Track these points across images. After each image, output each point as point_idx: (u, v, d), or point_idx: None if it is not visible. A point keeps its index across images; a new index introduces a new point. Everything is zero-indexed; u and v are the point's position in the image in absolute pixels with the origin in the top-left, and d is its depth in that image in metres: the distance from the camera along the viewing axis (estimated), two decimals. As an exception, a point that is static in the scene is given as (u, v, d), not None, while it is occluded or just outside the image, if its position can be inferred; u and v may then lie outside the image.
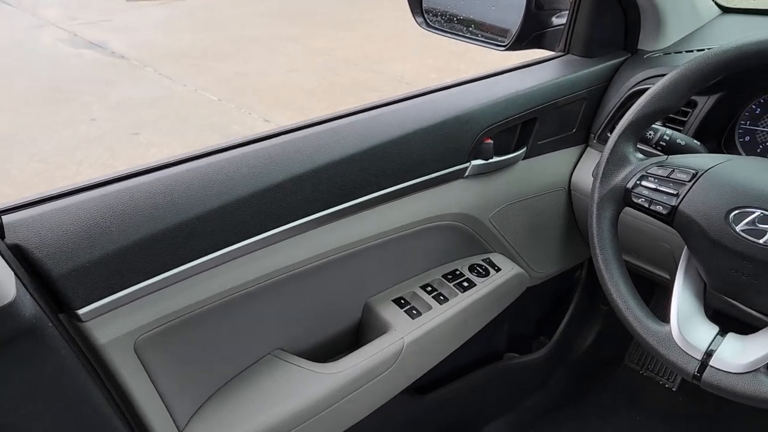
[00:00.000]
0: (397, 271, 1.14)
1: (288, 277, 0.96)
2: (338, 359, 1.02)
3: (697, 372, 0.79)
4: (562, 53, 1.32)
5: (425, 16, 1.42)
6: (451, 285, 1.16)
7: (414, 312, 1.10)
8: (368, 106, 1.09)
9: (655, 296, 1.55)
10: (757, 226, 0.75)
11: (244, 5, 8.13)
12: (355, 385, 1.00)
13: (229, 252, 0.87)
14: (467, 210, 1.16)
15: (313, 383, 0.97)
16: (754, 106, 1.12)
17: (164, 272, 0.81)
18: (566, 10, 1.29)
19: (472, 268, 1.21)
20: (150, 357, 0.84)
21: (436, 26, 1.43)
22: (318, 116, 1.04)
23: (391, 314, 1.09)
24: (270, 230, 0.91)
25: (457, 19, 1.40)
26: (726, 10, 1.36)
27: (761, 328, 0.81)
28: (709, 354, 0.79)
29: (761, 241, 0.74)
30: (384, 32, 6.84)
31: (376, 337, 1.05)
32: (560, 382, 1.69)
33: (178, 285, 0.84)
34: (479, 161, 1.15)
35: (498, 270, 1.22)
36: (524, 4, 1.25)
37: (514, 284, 1.25)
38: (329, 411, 0.97)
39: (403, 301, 1.12)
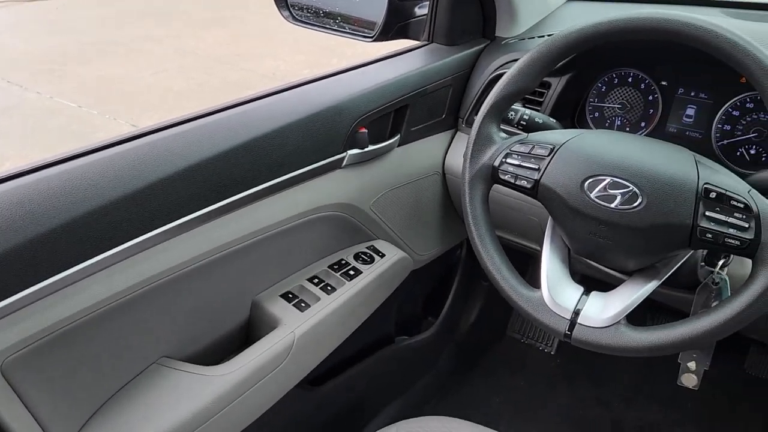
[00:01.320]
0: (282, 265, 1.14)
1: (168, 281, 0.92)
2: (228, 360, 1.00)
3: (568, 330, 0.86)
4: (427, 42, 1.36)
5: (291, 9, 1.41)
6: (337, 275, 1.17)
7: (302, 305, 1.10)
8: (240, 100, 1.08)
9: (530, 267, 1.66)
10: (608, 191, 0.82)
11: (105, 5, 7.67)
12: (248, 385, 0.98)
13: (100, 260, 0.83)
14: (347, 199, 1.18)
15: (203, 387, 0.94)
16: (599, 85, 1.23)
17: (28, 288, 0.76)
18: (426, 1, 1.34)
19: (357, 257, 1.23)
20: (21, 380, 0.78)
21: (302, 20, 1.43)
22: (188, 113, 1.02)
23: (280, 309, 1.08)
24: (143, 234, 0.87)
25: (323, 13, 1.41)
26: (570, -1, 1.48)
27: (619, 285, 0.89)
28: (576, 313, 0.86)
29: (612, 206, 0.82)
30: (253, 29, 6.72)
31: (265, 334, 1.04)
32: (450, 358, 1.76)
33: (46, 299, 0.78)
34: (355, 151, 1.17)
35: (382, 256, 1.25)
36: (387, -5, 1.28)
37: (399, 268, 1.29)
38: (222, 414, 0.95)
39: (291, 295, 1.12)
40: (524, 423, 1.69)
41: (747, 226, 0.75)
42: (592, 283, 0.99)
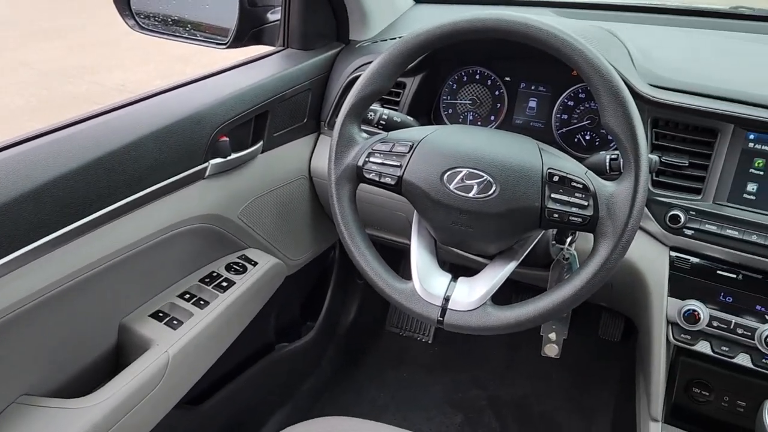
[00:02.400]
0: (150, 284, 1.09)
1: (23, 312, 0.85)
2: (98, 389, 0.94)
3: (440, 317, 0.90)
4: (282, 48, 1.37)
5: (136, 18, 1.35)
6: (209, 288, 1.15)
7: (175, 322, 1.06)
8: (91, 114, 1.02)
9: (402, 261, 1.71)
10: (465, 182, 0.87)
11: None
12: (121, 412, 0.93)
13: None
14: (214, 210, 1.15)
15: (70, 422, 0.88)
16: (450, 83, 1.30)
17: None
18: (279, 6, 1.34)
19: (228, 267, 1.21)
20: None
21: (150, 28, 1.38)
22: (33, 130, 0.94)
23: (150, 329, 1.04)
24: (-11, 264, 0.80)
25: (171, 20, 1.36)
26: (418, 1, 1.54)
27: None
28: (446, 299, 0.90)
29: (470, 195, 0.87)
30: (98, 39, 6.31)
31: (137, 357, 1.00)
32: (332, 359, 1.77)
33: None
34: (218, 160, 1.15)
35: (255, 264, 1.24)
36: (237, 1, 1.27)
37: (273, 275, 1.28)
38: (96, 446, 0.90)
39: (161, 314, 1.08)
40: (409, 412, 1.74)
41: (587, 204, 0.83)
42: (460, 270, 1.05)
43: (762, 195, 1.00)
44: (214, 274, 1.18)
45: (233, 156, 1.17)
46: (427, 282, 0.93)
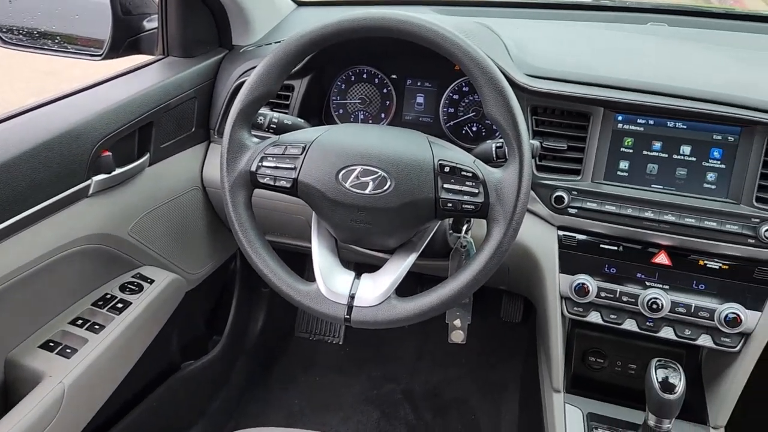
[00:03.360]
0: (37, 313, 1.02)
1: None
2: (-14, 433, 0.87)
3: (347, 315, 0.91)
4: (162, 56, 1.32)
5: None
6: (103, 311, 1.09)
7: (68, 351, 1.00)
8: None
9: (307, 265, 1.70)
10: (360, 179, 0.88)
11: None
12: (16, 453, 0.87)
13: None
14: (102, 229, 1.10)
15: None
16: (339, 83, 1.31)
17: None
18: (155, 13, 1.30)
19: (123, 288, 1.15)
20: None
21: (16, 42, 1.29)
22: None
23: (41, 361, 0.97)
24: None
25: (38, 33, 1.28)
26: (300, 4, 1.54)
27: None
28: (352, 297, 0.91)
29: (366, 192, 0.88)
30: (-47, 57, 5.80)
31: (28, 392, 0.93)
32: (242, 371, 1.73)
33: None
34: (101, 176, 1.09)
35: (151, 282, 1.19)
36: (110, 10, 1.21)
37: (172, 292, 1.23)
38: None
39: (52, 344, 1.01)
40: (325, 415, 1.74)
41: (477, 191, 0.86)
42: (363, 268, 1.06)
43: (633, 171, 1.08)
44: (108, 296, 1.12)
45: (118, 171, 1.12)
46: (331, 282, 0.93)
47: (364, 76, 1.30)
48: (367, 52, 1.28)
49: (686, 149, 1.06)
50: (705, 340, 1.08)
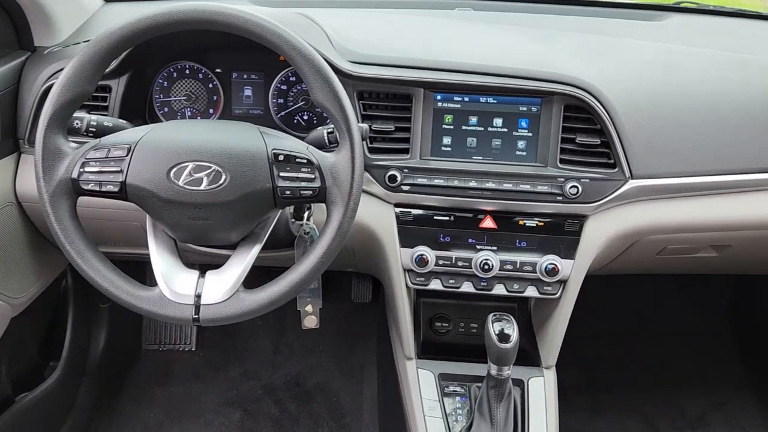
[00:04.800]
0: None
1: None
2: None
3: (195, 315, 0.89)
4: (-49, 62, 1.18)
5: None
6: None
7: None
8: None
9: (148, 272, 1.63)
10: (194, 176, 0.87)
11: None
12: None
13: None
14: None
15: None
16: (160, 80, 1.26)
17: None
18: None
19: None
20: None
21: None
22: None
23: None
24: None
25: None
26: (108, 0, 1.45)
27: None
28: (198, 296, 0.90)
29: (202, 188, 0.87)
30: None
31: None
32: (88, 394, 1.62)
33: None
34: None
35: (-32, 312, 1.07)
36: None
37: (-6, 320, 1.12)
38: None
39: None
40: (185, 424, 1.69)
41: (313, 177, 0.89)
42: (209, 267, 1.04)
43: (455, 146, 1.17)
44: None
45: None
46: (174, 283, 0.91)
47: (187, 71, 1.26)
48: (187, 46, 1.24)
49: (498, 121, 1.16)
50: (531, 291, 1.20)
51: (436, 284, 1.21)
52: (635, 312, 2.02)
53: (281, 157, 0.88)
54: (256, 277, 0.95)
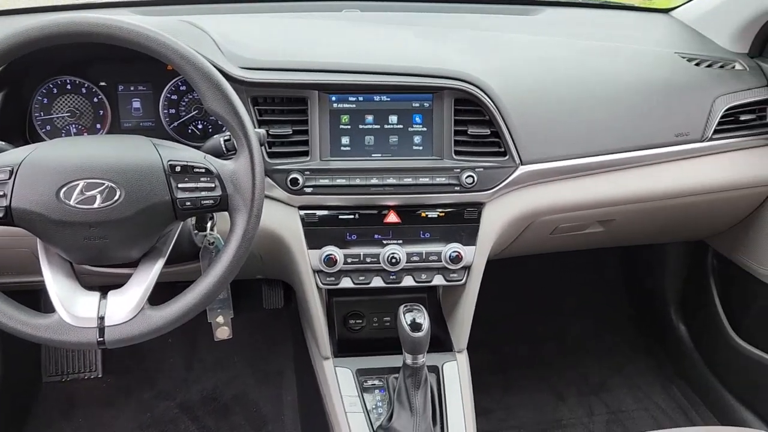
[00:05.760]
0: None
1: None
2: None
3: (100, 337, 0.86)
4: None
5: None
6: None
7: None
8: None
9: (42, 299, 1.53)
10: (86, 194, 0.83)
11: None
12: None
13: None
14: None
15: None
16: (39, 97, 1.19)
17: None
18: None
19: None
20: None
21: None
22: None
23: None
24: None
25: None
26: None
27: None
28: (101, 318, 0.86)
29: (95, 206, 0.84)
30: None
31: None
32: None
33: None
34: None
35: None
36: None
37: None
38: None
39: None
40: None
41: (214, 185, 0.88)
42: (111, 288, 1.00)
43: (354, 145, 1.19)
44: None
45: None
46: (74, 307, 0.87)
47: (69, 87, 1.21)
48: (67, 60, 1.19)
49: (394, 119, 1.20)
50: (439, 280, 1.24)
51: (346, 282, 1.22)
52: (538, 291, 2.13)
53: (178, 168, 0.87)
54: (162, 293, 0.92)
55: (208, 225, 1.10)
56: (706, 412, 1.75)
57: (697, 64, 1.39)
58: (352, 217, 1.20)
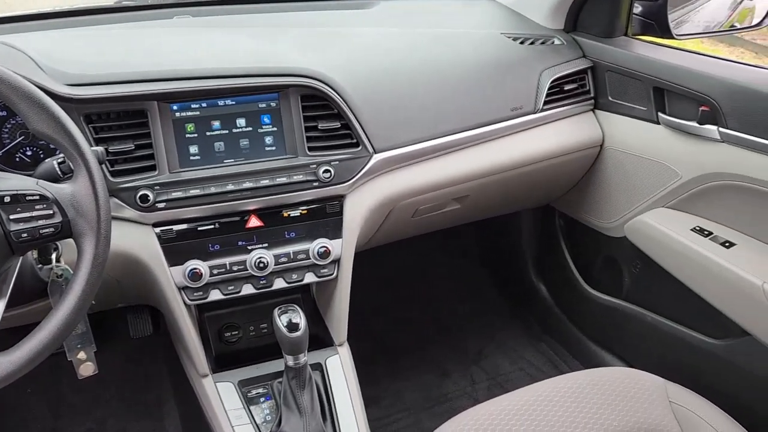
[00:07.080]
0: None
1: None
2: None
3: None
4: None
5: None
6: None
7: None
8: None
9: None
10: None
11: None
12: None
13: None
14: None
15: None
16: None
17: None
18: None
19: None
20: None
21: None
22: None
23: None
24: None
25: None
26: None
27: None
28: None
29: None
30: None
31: None
32: None
33: None
34: None
35: None
36: None
37: None
38: None
39: None
40: None
41: (52, 212, 0.81)
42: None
43: (203, 153, 1.15)
44: None
45: None
46: None
47: None
48: None
49: (242, 122, 1.17)
50: (310, 278, 1.24)
51: (215, 295, 1.19)
52: (410, 276, 2.20)
53: (7, 199, 0.79)
54: (11, 338, 0.84)
55: (53, 256, 1.02)
56: (573, 361, 1.90)
57: (521, 43, 1.50)
58: (212, 227, 1.17)
